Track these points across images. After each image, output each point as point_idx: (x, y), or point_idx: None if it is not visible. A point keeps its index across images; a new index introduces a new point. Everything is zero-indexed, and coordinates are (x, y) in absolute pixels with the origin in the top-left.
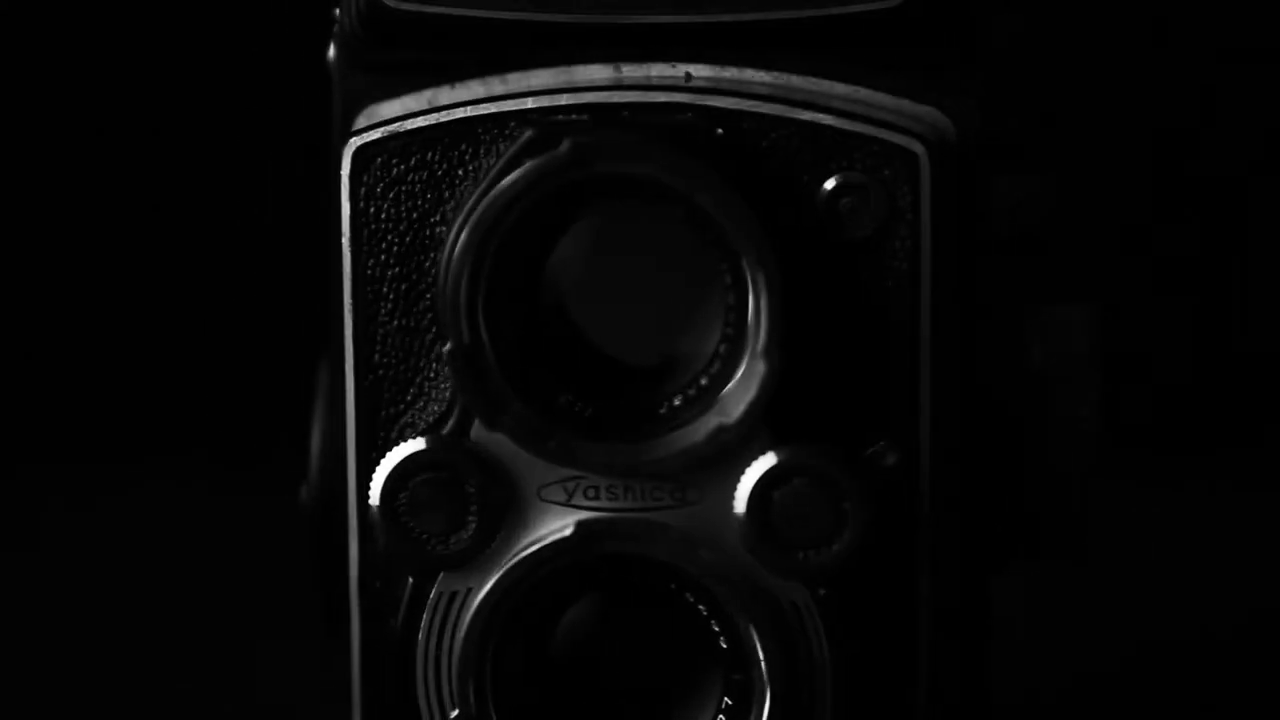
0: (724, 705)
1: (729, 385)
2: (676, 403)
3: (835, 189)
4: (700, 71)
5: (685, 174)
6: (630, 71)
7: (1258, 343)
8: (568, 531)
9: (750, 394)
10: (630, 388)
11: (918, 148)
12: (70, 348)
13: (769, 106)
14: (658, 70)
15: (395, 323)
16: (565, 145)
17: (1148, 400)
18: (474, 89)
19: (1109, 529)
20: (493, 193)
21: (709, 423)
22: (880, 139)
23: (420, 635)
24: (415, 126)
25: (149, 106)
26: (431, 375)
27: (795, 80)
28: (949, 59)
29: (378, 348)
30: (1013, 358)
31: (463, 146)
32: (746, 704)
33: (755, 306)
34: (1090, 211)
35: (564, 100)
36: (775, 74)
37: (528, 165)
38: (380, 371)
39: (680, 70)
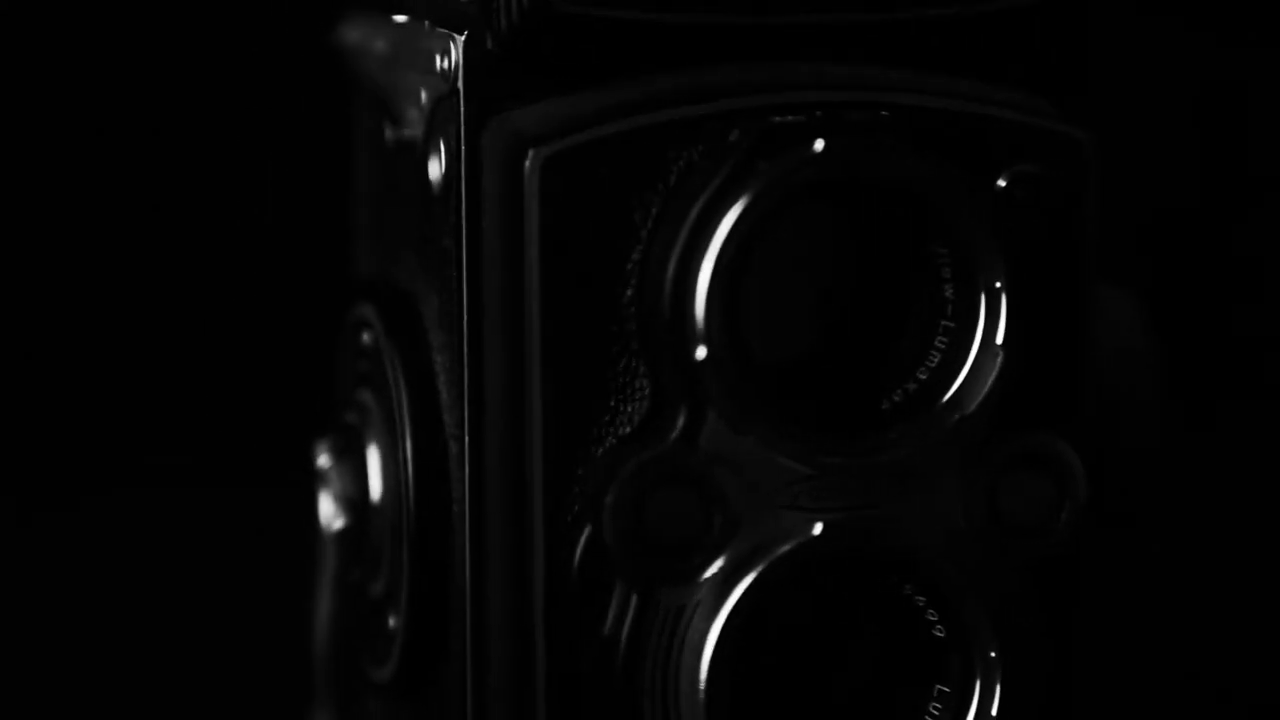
0: (938, 693)
1: (960, 378)
2: (896, 398)
3: (1011, 181)
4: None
5: (929, 172)
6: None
7: None
8: (815, 532)
9: (986, 385)
10: (842, 386)
11: (1084, 136)
12: (68, 347)
13: (949, 102)
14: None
15: (584, 335)
16: (819, 146)
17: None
18: (626, 92)
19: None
20: (749, 195)
21: (947, 416)
22: (1052, 130)
23: (649, 653)
24: (606, 134)
25: (149, 106)
26: (620, 386)
27: (925, 78)
28: (1067, 55)
29: (566, 361)
30: None
31: (654, 152)
32: (968, 688)
33: (989, 299)
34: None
35: (767, 101)
36: (905, 72)
37: (785, 166)
38: (569, 385)
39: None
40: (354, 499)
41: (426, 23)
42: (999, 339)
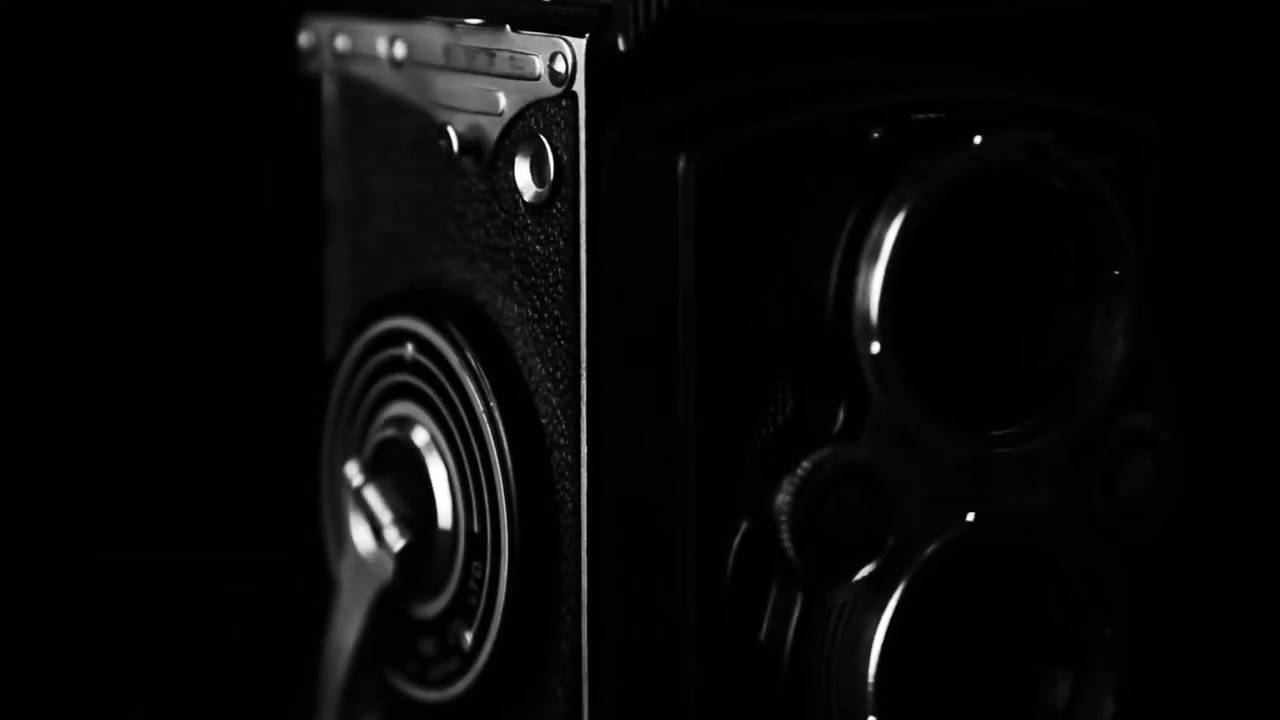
0: (1054, 671)
1: (1085, 365)
2: (1025, 386)
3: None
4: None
5: (1074, 167)
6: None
7: None
8: (969, 521)
9: (1110, 372)
10: (978, 376)
11: (1152, 129)
12: (68, 348)
13: (1042, 98)
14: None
15: (733, 337)
16: (979, 142)
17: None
18: (755, 93)
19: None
20: (920, 191)
21: (1076, 402)
22: (1125, 123)
23: (813, 652)
24: (753, 135)
25: (149, 106)
26: (764, 386)
27: (1011, 76)
28: (1118, 52)
29: (719, 364)
30: None
31: (797, 152)
32: (1085, 666)
33: (1112, 288)
34: None
35: (903, 99)
36: (986, 70)
37: (952, 163)
38: (721, 388)
39: None
40: (409, 516)
41: (507, 26)
42: (1121, 327)
